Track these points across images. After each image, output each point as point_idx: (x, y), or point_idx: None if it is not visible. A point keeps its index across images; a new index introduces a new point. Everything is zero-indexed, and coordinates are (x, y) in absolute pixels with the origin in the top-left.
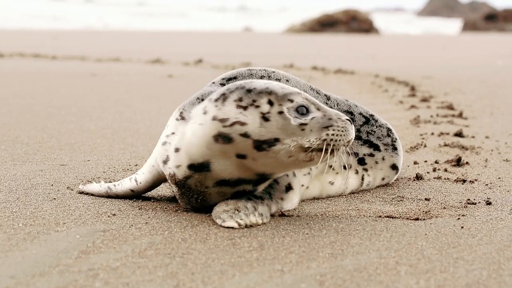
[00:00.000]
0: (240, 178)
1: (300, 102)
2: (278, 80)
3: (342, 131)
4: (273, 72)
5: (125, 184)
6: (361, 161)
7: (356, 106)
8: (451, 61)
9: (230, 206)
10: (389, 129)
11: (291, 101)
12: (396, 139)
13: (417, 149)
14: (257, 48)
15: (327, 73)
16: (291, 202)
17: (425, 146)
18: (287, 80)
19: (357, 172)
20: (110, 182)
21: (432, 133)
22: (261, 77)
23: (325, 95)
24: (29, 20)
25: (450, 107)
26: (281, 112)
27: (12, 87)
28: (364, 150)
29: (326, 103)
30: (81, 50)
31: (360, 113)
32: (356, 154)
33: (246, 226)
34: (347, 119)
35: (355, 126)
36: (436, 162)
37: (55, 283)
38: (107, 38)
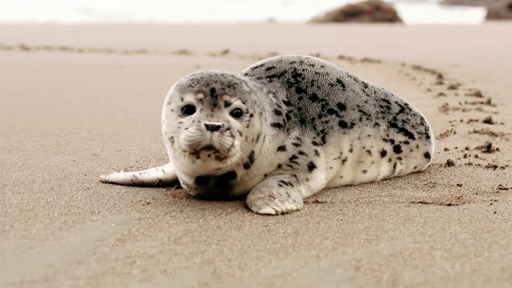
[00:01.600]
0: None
1: (188, 101)
2: (312, 65)
3: (195, 135)
4: (307, 58)
5: (152, 173)
6: (397, 149)
7: (392, 95)
8: (477, 49)
9: (264, 193)
10: (422, 118)
11: (182, 99)
12: (428, 127)
13: (447, 136)
14: (283, 39)
15: (353, 62)
16: (317, 180)
17: (454, 133)
18: (322, 66)
19: (389, 160)
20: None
21: (461, 120)
22: (292, 63)
23: (362, 82)
24: (54, 13)
25: (478, 95)
26: (172, 110)
27: (40, 80)
28: (400, 137)
29: (364, 90)
30: (107, 43)
31: (396, 102)
32: (392, 141)
33: (282, 213)
34: (207, 124)
35: (391, 114)
36: (467, 148)
37: (93, 271)
38: (132, 30)
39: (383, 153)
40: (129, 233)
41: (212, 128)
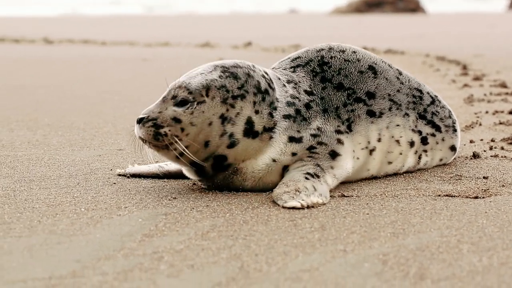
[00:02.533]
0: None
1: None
2: (342, 51)
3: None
4: (338, 45)
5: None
6: (424, 140)
7: (424, 85)
8: (501, 39)
9: (290, 187)
10: (450, 111)
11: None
12: (455, 120)
13: (472, 127)
14: (305, 30)
15: (377, 53)
16: (342, 168)
17: (480, 124)
18: (354, 52)
19: (416, 152)
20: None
21: (487, 112)
22: (319, 51)
23: (397, 69)
24: (75, 6)
25: (503, 85)
26: None
27: (63, 74)
28: (427, 129)
29: (398, 78)
30: (130, 35)
31: (428, 92)
32: (420, 133)
33: (308, 207)
34: (138, 118)
35: (422, 104)
36: (492, 140)
37: (121, 266)
38: (155, 22)
39: (412, 144)
40: (156, 228)
41: (138, 121)
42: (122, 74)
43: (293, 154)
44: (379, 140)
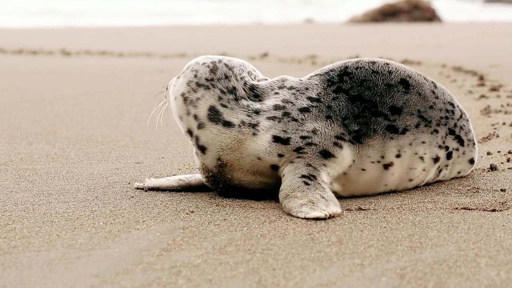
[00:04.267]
0: None
1: None
2: (372, 63)
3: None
4: (372, 58)
5: (198, 176)
6: (449, 155)
7: (454, 98)
8: None
9: (303, 199)
10: (469, 122)
11: None
12: (473, 133)
13: (489, 139)
14: (321, 40)
15: None
16: (335, 170)
17: (497, 136)
18: (386, 64)
19: (439, 167)
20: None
21: (504, 123)
22: (346, 62)
23: (432, 82)
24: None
25: None
26: None
27: (81, 86)
28: (454, 144)
29: (433, 91)
30: (146, 46)
31: (458, 106)
32: (446, 148)
33: (330, 217)
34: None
35: (453, 119)
36: (510, 152)
37: (139, 281)
38: (170, 33)
39: (436, 160)
40: (174, 242)
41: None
42: (140, 87)
43: (280, 155)
44: (398, 156)
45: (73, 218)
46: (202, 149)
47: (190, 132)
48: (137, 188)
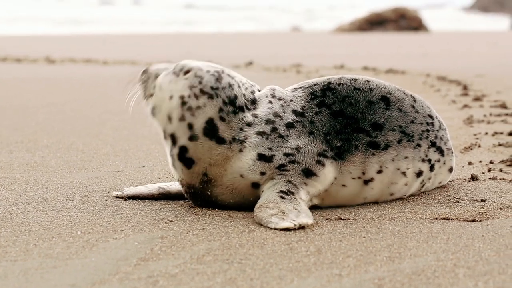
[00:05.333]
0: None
1: None
2: (354, 80)
3: None
4: (354, 75)
5: (179, 185)
6: (432, 168)
7: (432, 109)
8: (502, 58)
9: (274, 209)
10: (446, 131)
11: None
12: (450, 141)
13: (471, 149)
14: (307, 49)
15: (378, 73)
16: (315, 188)
17: (479, 146)
18: (367, 81)
19: (422, 181)
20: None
21: (486, 133)
22: (330, 78)
23: (411, 95)
24: (78, 24)
25: (503, 106)
26: None
27: (65, 94)
28: (436, 156)
29: (413, 106)
30: (131, 54)
31: (436, 117)
32: (429, 161)
33: (300, 227)
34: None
35: (434, 130)
36: (491, 162)
37: None
38: (156, 41)
39: (419, 174)
40: (152, 252)
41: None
42: (123, 94)
43: (262, 173)
44: (379, 172)
45: (51, 227)
46: (188, 162)
47: (173, 138)
48: (116, 197)
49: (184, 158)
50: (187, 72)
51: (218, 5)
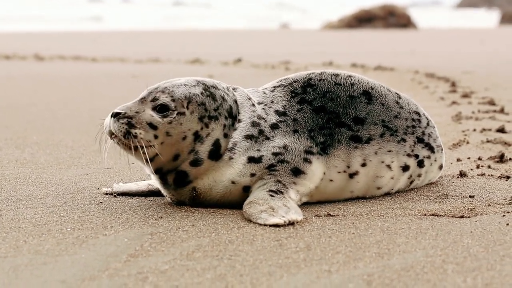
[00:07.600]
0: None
1: None
2: (335, 75)
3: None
4: (334, 70)
5: None
6: (420, 163)
7: (419, 106)
8: (491, 55)
9: (264, 206)
10: (435, 129)
11: None
12: (439, 138)
13: (459, 146)
14: (295, 46)
15: (366, 70)
16: (305, 186)
17: (467, 142)
18: (349, 76)
19: (410, 176)
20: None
21: (474, 129)
22: (310, 73)
23: (396, 93)
24: (67, 22)
25: (492, 103)
26: None
27: (54, 91)
28: (424, 152)
29: (397, 102)
30: (120, 52)
31: (424, 114)
32: (416, 156)
33: (289, 223)
34: (114, 112)
35: (420, 127)
36: (479, 158)
37: (105, 287)
38: (145, 39)
39: (405, 168)
40: (142, 248)
41: (113, 115)
42: (112, 91)
43: (252, 174)
44: (363, 165)
45: (40, 224)
46: (184, 183)
47: (176, 156)
48: (106, 194)
49: (182, 181)
50: (188, 104)
51: (206, 2)
